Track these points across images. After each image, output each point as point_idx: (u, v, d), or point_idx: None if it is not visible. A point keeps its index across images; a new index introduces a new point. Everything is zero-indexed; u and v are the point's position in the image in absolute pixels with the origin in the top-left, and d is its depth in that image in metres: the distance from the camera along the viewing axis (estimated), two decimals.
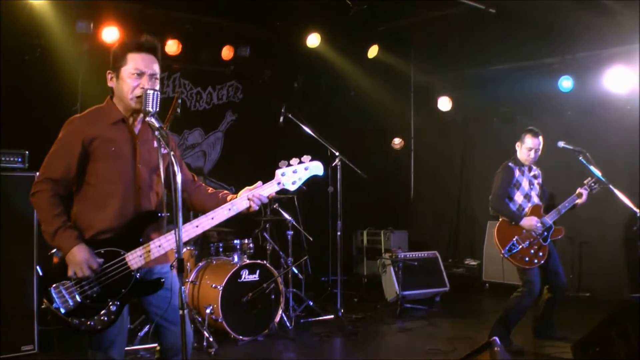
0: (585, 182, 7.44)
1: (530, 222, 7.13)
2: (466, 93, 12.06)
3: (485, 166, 11.89)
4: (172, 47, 9.33)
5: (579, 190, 7.39)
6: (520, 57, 10.96)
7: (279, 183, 4.04)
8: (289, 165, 4.03)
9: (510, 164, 7.37)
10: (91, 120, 3.92)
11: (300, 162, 4.04)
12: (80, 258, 3.69)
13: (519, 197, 7.30)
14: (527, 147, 7.31)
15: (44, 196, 3.80)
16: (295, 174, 4.03)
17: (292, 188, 4.07)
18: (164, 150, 3.96)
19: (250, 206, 4.01)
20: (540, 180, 7.53)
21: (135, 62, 3.89)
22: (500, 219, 7.30)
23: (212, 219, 3.97)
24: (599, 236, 10.38)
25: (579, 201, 7.35)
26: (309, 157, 4.07)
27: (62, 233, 3.74)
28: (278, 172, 4.03)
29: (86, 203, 3.90)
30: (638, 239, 7.12)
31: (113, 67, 3.94)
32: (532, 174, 7.45)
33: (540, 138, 7.33)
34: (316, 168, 4.10)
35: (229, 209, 3.98)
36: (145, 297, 3.98)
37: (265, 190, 4.04)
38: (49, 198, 3.79)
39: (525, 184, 7.32)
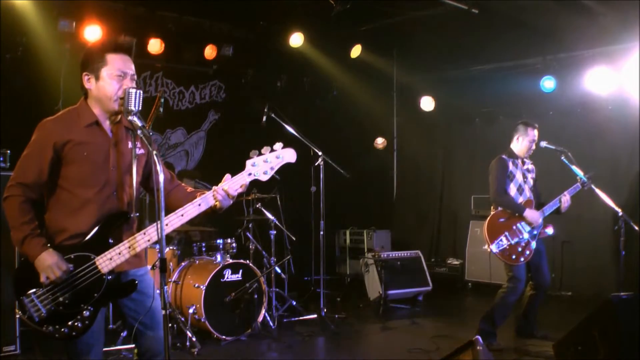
0: (578, 178, 7.44)
1: (533, 214, 7.17)
2: (449, 93, 12.08)
3: (467, 166, 11.99)
4: (155, 46, 9.29)
5: (562, 196, 7.40)
6: (502, 58, 11.01)
7: (249, 174, 3.88)
8: (260, 154, 3.89)
9: (503, 156, 7.40)
10: (64, 123, 3.85)
11: (272, 151, 3.90)
12: (49, 262, 3.66)
13: (512, 190, 7.32)
14: (531, 139, 7.40)
15: (14, 202, 3.75)
16: (266, 163, 3.88)
17: (264, 178, 3.90)
18: (139, 151, 3.94)
19: (217, 201, 3.90)
20: (534, 175, 7.56)
21: (116, 63, 3.83)
22: (490, 214, 7.30)
23: (182, 215, 3.86)
24: (580, 235, 10.44)
25: (562, 205, 7.36)
26: (281, 145, 3.94)
27: (30, 241, 3.71)
28: (249, 162, 3.88)
29: (59, 207, 3.85)
30: (619, 239, 7.16)
31: (91, 68, 3.85)
32: (525, 167, 7.47)
33: None
34: (288, 155, 3.93)
35: (199, 204, 3.88)
36: (120, 300, 3.94)
37: (235, 183, 3.89)
38: (20, 204, 3.75)
39: (519, 176, 7.35)
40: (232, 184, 3.90)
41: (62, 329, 3.73)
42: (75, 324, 3.73)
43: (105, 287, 3.79)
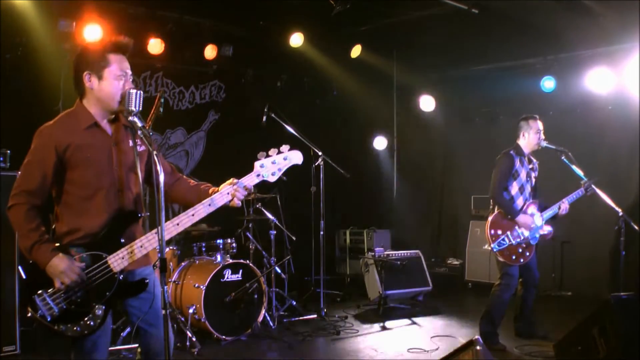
0: (582, 182, 7.45)
1: (526, 219, 7.19)
2: (449, 93, 12.10)
3: (467, 166, 11.99)
4: (155, 46, 9.28)
5: (562, 203, 7.39)
6: (502, 58, 11.01)
7: (258, 175, 3.98)
8: (267, 156, 3.99)
9: (511, 152, 7.38)
10: (63, 127, 3.85)
11: (279, 153, 4.00)
12: (61, 268, 3.67)
13: (514, 188, 7.32)
14: (537, 129, 7.41)
15: (20, 210, 3.76)
16: (274, 164, 3.98)
17: (272, 179, 4.02)
18: (140, 148, 3.94)
19: (232, 200, 3.95)
20: (536, 173, 7.56)
21: (119, 63, 3.85)
22: (494, 212, 7.30)
23: (192, 215, 3.92)
24: (580, 235, 10.44)
25: (559, 212, 7.38)
26: (288, 147, 4.03)
27: (39, 247, 3.71)
28: (257, 163, 3.98)
29: (66, 209, 3.87)
30: (619, 239, 7.17)
31: (93, 68, 3.84)
32: (530, 166, 7.46)
33: None
34: (295, 157, 4.05)
35: (209, 205, 3.94)
36: (129, 299, 3.96)
37: (244, 183, 3.99)
38: (26, 212, 3.75)
39: (523, 175, 7.35)
40: (244, 184, 3.99)
41: (75, 328, 3.74)
42: (88, 322, 3.76)
43: (116, 285, 3.82)
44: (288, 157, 4.02)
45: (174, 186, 4.24)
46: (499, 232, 7.18)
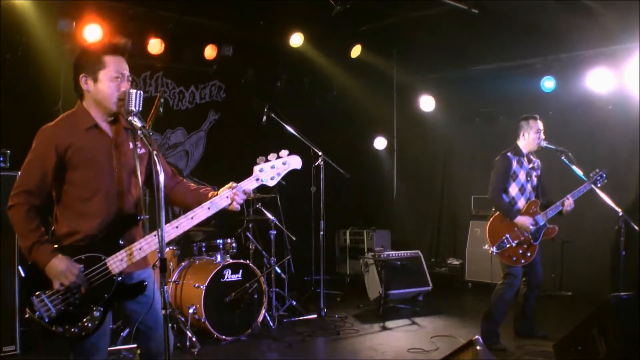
0: (591, 174, 7.45)
1: (524, 221, 7.16)
2: (449, 93, 12.09)
3: (467, 166, 11.99)
4: (155, 46, 9.27)
5: (565, 199, 7.39)
6: (502, 58, 10.99)
7: (257, 179, 4.01)
8: (266, 161, 4.02)
9: (508, 154, 7.37)
10: (64, 127, 3.86)
11: (278, 157, 4.03)
12: (60, 268, 3.68)
13: (513, 189, 7.31)
14: (537, 130, 7.40)
15: (20, 210, 3.76)
16: (273, 169, 4.02)
17: (271, 183, 4.05)
18: (140, 151, 3.95)
19: (231, 204, 3.98)
20: (538, 172, 7.55)
21: (115, 65, 3.86)
22: (493, 215, 7.30)
23: (192, 218, 3.95)
24: (580, 235, 10.44)
25: (564, 209, 7.36)
26: (287, 152, 4.07)
27: (38, 248, 3.72)
28: (256, 168, 4.02)
29: (66, 210, 3.87)
30: (619, 239, 7.17)
31: (88, 70, 3.86)
32: (530, 165, 7.45)
33: None
34: (294, 162, 4.09)
35: (209, 208, 3.96)
36: (124, 301, 3.96)
37: (243, 187, 4.01)
38: (26, 212, 3.76)
39: (522, 175, 7.34)
40: (243, 188, 4.01)
41: (73, 329, 3.75)
42: (86, 324, 3.76)
43: (115, 287, 3.82)
44: (287, 162, 4.06)
45: (174, 189, 4.25)
46: (499, 234, 7.17)
